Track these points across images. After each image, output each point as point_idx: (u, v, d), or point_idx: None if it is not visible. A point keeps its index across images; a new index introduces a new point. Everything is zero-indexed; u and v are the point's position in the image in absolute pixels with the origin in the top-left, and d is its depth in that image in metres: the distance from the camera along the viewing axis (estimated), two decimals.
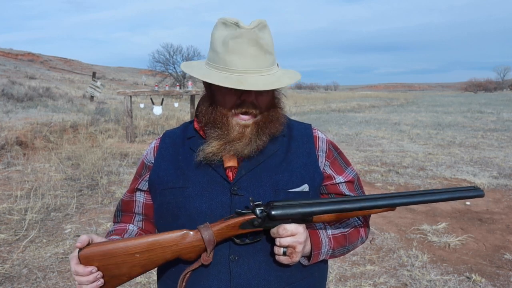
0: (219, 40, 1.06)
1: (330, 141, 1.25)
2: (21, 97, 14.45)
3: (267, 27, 1.09)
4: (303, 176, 1.12)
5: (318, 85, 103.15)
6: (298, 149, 1.17)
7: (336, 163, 1.21)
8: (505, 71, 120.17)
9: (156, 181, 1.16)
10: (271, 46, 1.08)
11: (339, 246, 1.13)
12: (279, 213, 1.00)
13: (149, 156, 1.22)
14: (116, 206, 1.30)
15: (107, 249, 1.00)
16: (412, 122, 15.91)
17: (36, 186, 5.93)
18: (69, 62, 46.21)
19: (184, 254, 1.01)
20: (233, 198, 1.07)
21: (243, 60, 1.03)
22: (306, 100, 34.64)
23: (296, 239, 0.99)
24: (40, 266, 3.55)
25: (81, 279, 0.99)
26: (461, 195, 1.08)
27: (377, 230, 4.39)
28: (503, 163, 7.71)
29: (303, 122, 1.29)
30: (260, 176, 1.10)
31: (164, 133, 1.26)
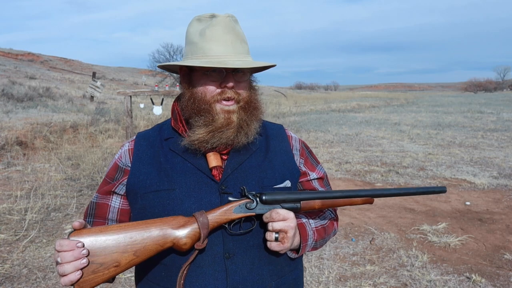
0: (196, 33, 1.10)
1: (301, 141, 1.31)
2: (21, 97, 14.45)
3: (239, 23, 1.14)
4: (284, 173, 1.17)
5: (318, 85, 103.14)
6: (276, 148, 1.21)
7: (308, 160, 1.28)
8: (505, 71, 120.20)
9: (137, 185, 1.12)
10: (244, 37, 1.13)
11: (320, 238, 1.20)
12: (271, 197, 1.06)
13: (124, 159, 1.18)
14: (86, 210, 1.22)
15: (99, 232, 0.95)
16: (412, 122, 15.91)
17: (36, 186, 5.93)
18: (69, 62, 46.22)
19: (178, 240, 0.99)
20: (222, 196, 1.08)
21: (221, 46, 1.06)
22: (306, 100, 34.64)
23: (287, 224, 1.04)
24: (40, 266, 3.55)
25: (64, 254, 0.90)
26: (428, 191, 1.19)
27: (377, 230, 4.39)
28: (503, 163, 7.71)
29: (274, 122, 1.33)
30: (246, 174, 1.12)
31: (137, 135, 1.23)
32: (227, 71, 1.07)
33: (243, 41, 1.11)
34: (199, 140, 1.08)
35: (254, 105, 1.13)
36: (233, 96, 1.09)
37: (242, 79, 1.11)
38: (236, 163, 1.12)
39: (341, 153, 9.07)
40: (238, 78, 1.10)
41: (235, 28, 1.09)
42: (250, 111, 1.12)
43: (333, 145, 10.24)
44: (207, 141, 1.07)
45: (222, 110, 1.08)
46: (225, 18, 1.09)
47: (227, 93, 1.08)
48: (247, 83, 1.13)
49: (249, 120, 1.11)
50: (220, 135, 1.07)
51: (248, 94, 1.13)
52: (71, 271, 0.90)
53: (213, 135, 1.07)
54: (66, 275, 0.90)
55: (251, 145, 1.15)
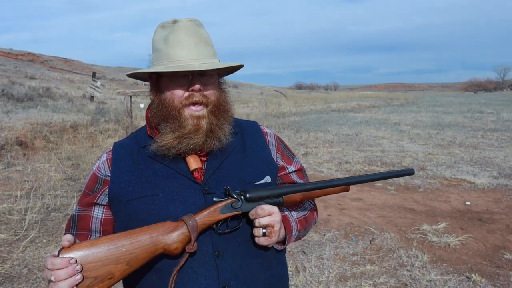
0: (160, 39, 1.11)
1: (276, 136, 1.33)
2: (21, 97, 14.45)
3: (203, 26, 1.15)
4: (264, 169, 1.20)
5: (318, 85, 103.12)
6: (253, 145, 1.23)
7: (285, 154, 1.31)
8: (505, 71, 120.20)
9: (119, 193, 1.12)
10: (209, 40, 1.14)
11: (303, 228, 1.24)
12: (255, 195, 1.08)
13: (104, 170, 1.18)
14: (68, 223, 1.21)
15: (90, 246, 0.95)
16: (412, 122, 15.91)
17: (36, 186, 5.93)
18: (69, 62, 46.20)
19: (169, 246, 1.00)
20: (206, 197, 1.10)
21: (185, 50, 1.07)
22: (306, 100, 34.63)
23: (273, 218, 1.06)
24: (40, 266, 3.55)
25: (58, 272, 0.89)
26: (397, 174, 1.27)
27: (377, 230, 4.39)
28: (503, 163, 7.71)
29: (248, 120, 1.35)
30: (227, 173, 1.15)
31: (114, 144, 1.24)
32: (193, 75, 1.08)
33: (207, 44, 1.12)
34: (166, 146, 1.08)
35: (223, 107, 1.14)
36: (201, 99, 1.09)
37: (209, 81, 1.11)
38: (217, 163, 1.14)
39: (341, 153, 9.07)
40: (204, 81, 1.10)
41: (198, 32, 1.10)
42: (220, 114, 1.12)
43: (333, 145, 10.24)
44: (174, 146, 1.08)
45: (191, 116, 1.09)
46: (186, 22, 1.10)
47: (194, 97, 1.08)
48: (214, 85, 1.14)
49: (219, 123, 1.11)
50: (187, 141, 1.07)
51: (216, 97, 1.13)
52: None
53: (181, 141, 1.07)
54: None
55: (229, 144, 1.16)
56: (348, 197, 5.64)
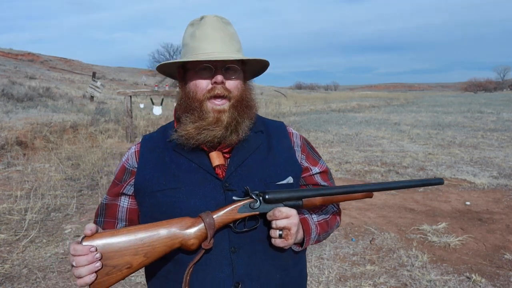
0: (188, 35, 1.15)
1: (302, 137, 1.32)
2: (21, 97, 14.44)
3: (231, 24, 1.18)
4: (287, 169, 1.19)
5: (318, 85, 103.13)
6: (278, 145, 1.23)
7: (310, 156, 1.30)
8: (505, 71, 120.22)
9: (144, 184, 1.16)
10: (236, 37, 1.16)
11: (323, 231, 1.23)
12: (274, 196, 1.08)
13: (131, 161, 1.22)
14: (97, 211, 1.27)
15: (111, 235, 1.00)
16: (412, 122, 15.91)
17: (36, 186, 5.93)
18: (69, 62, 46.20)
19: (186, 241, 1.03)
20: (226, 194, 1.11)
21: (210, 43, 1.10)
22: (306, 100, 34.64)
23: (290, 221, 1.06)
24: (40, 266, 3.55)
25: (79, 258, 0.96)
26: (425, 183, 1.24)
27: (377, 230, 4.39)
28: (503, 163, 7.71)
29: (275, 120, 1.36)
30: (249, 171, 1.15)
31: (143, 137, 1.28)
32: (216, 67, 1.09)
33: (232, 39, 1.14)
34: (185, 136, 1.11)
35: (246, 103, 1.15)
36: (223, 93, 1.10)
37: (232, 76, 1.13)
38: (239, 160, 1.15)
39: (341, 153, 9.07)
40: (228, 75, 1.12)
41: (223, 27, 1.13)
42: (242, 109, 1.13)
43: (333, 145, 10.23)
44: (193, 137, 1.10)
45: (212, 110, 1.10)
46: (212, 17, 1.13)
47: (216, 89, 1.10)
48: (238, 80, 1.15)
49: (240, 118, 1.12)
50: (206, 132, 1.09)
51: (240, 92, 1.14)
52: (86, 274, 0.96)
53: (200, 132, 1.09)
54: (82, 277, 0.96)
55: (253, 142, 1.18)
56: None
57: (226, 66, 1.10)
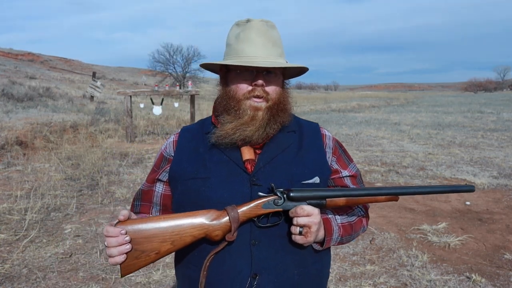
0: (233, 36, 1.20)
1: (335, 139, 1.35)
2: (21, 97, 14.44)
3: (276, 28, 1.22)
4: (314, 170, 1.22)
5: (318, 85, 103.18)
6: (309, 145, 1.26)
7: (341, 159, 1.32)
8: (505, 71, 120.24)
9: (178, 172, 1.23)
10: (278, 41, 1.21)
11: (347, 234, 1.24)
12: (297, 194, 1.12)
13: (169, 150, 1.29)
14: (135, 196, 1.35)
15: (141, 222, 1.07)
16: (412, 122, 15.91)
17: (36, 186, 5.93)
18: (69, 62, 46.18)
19: (211, 232, 1.09)
20: (253, 188, 1.15)
21: (253, 47, 1.15)
22: (306, 100, 34.64)
23: (311, 219, 1.09)
24: (40, 266, 3.55)
25: (110, 239, 1.04)
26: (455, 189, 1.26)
27: (377, 230, 4.39)
28: (503, 163, 7.71)
29: (310, 121, 1.39)
30: (277, 168, 1.19)
31: (182, 128, 1.35)
32: (258, 71, 1.15)
33: (275, 44, 1.18)
34: (223, 136, 1.16)
35: (282, 106, 1.19)
36: (262, 94, 1.15)
37: (272, 79, 1.17)
38: (269, 157, 1.19)
39: None
40: (268, 78, 1.16)
41: (267, 32, 1.17)
42: (277, 112, 1.18)
43: None
44: (230, 136, 1.15)
45: (250, 106, 1.15)
46: (258, 22, 1.17)
47: (256, 91, 1.15)
48: (277, 84, 1.19)
49: (273, 120, 1.17)
50: (240, 132, 1.14)
51: (277, 95, 1.19)
52: (116, 254, 1.04)
53: (235, 131, 1.14)
54: (113, 257, 1.04)
55: (285, 140, 1.23)
56: None
57: (267, 70, 1.15)
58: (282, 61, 1.18)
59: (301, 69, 1.24)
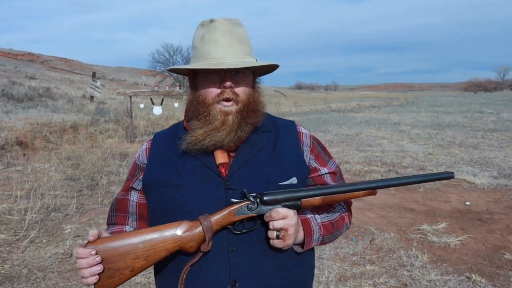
0: (197, 37, 1.16)
1: (313, 137, 1.32)
2: (21, 97, 14.44)
3: (242, 25, 1.18)
4: (291, 170, 1.19)
5: (318, 85, 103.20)
6: (285, 145, 1.23)
7: (320, 156, 1.29)
8: (505, 71, 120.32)
9: (151, 180, 1.20)
10: (246, 39, 1.17)
11: (328, 233, 1.21)
12: (271, 198, 1.09)
13: (142, 158, 1.27)
14: (111, 206, 1.32)
15: (112, 240, 1.05)
16: (412, 122, 15.91)
17: (36, 186, 5.93)
18: (69, 62, 46.18)
19: (185, 244, 1.06)
20: (227, 192, 1.12)
21: (219, 48, 1.11)
22: (306, 100, 34.64)
23: (287, 222, 1.06)
24: (40, 266, 3.55)
25: (80, 261, 1.02)
26: (434, 178, 1.20)
27: (377, 230, 4.39)
28: (503, 163, 7.71)
29: (286, 119, 1.34)
30: (252, 170, 1.16)
31: (155, 134, 1.31)
32: (225, 72, 1.11)
33: (242, 42, 1.14)
34: (193, 142, 1.13)
35: (253, 107, 1.16)
36: (231, 96, 1.12)
37: (241, 80, 1.14)
38: (243, 160, 1.16)
39: (341, 153, 9.07)
40: (237, 79, 1.13)
41: (233, 31, 1.13)
42: (247, 114, 1.14)
43: (333, 145, 10.24)
44: (200, 142, 1.12)
45: (220, 111, 1.12)
46: (222, 21, 1.13)
47: (225, 94, 1.12)
48: (247, 84, 1.16)
49: (244, 123, 1.13)
50: (210, 138, 1.11)
51: (247, 95, 1.15)
52: (88, 276, 1.02)
53: (206, 137, 1.12)
54: (85, 278, 1.03)
55: (259, 141, 1.20)
56: None
57: (235, 70, 1.12)
58: (251, 60, 1.15)
59: (272, 66, 1.21)
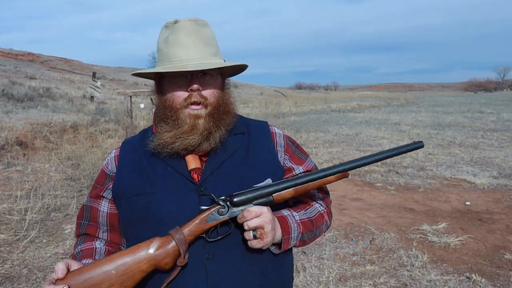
0: (162, 40, 1.12)
1: (287, 136, 1.29)
2: (21, 97, 14.44)
3: (208, 25, 1.14)
4: (266, 172, 1.15)
5: (318, 85, 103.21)
6: (258, 146, 1.19)
7: (295, 155, 1.25)
8: (505, 71, 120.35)
9: (120, 189, 1.16)
10: (212, 40, 1.13)
11: (307, 230, 1.17)
12: (241, 198, 1.05)
13: (111, 166, 1.22)
14: (79, 213, 1.26)
15: (83, 272, 0.99)
16: (412, 122, 15.90)
17: (36, 186, 5.93)
18: (69, 62, 46.18)
19: (160, 261, 1.02)
20: (201, 198, 1.09)
21: (183, 50, 1.08)
22: (306, 100, 34.62)
23: (262, 219, 1.03)
24: (40, 266, 3.55)
25: None
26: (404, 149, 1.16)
27: (377, 230, 4.39)
28: (503, 163, 7.71)
29: (259, 120, 1.31)
30: (225, 174, 1.12)
31: (124, 141, 1.27)
32: (192, 75, 1.08)
33: (208, 43, 1.11)
34: (161, 144, 1.10)
35: (223, 109, 1.12)
36: (199, 100, 1.09)
37: (209, 82, 1.11)
38: (216, 164, 1.13)
39: (341, 153, 9.07)
40: (204, 81, 1.10)
41: (198, 32, 1.10)
42: (219, 116, 1.11)
43: (333, 145, 10.23)
44: (168, 145, 1.09)
45: (189, 115, 1.09)
46: (186, 22, 1.10)
47: (193, 97, 1.08)
48: (215, 86, 1.13)
49: (215, 126, 1.10)
50: (181, 141, 1.08)
51: (216, 98, 1.12)
52: None
53: (175, 140, 1.08)
54: None
55: (232, 144, 1.16)
56: (348, 197, 5.64)
57: (201, 72, 1.08)
58: (218, 61, 1.12)
59: (241, 66, 1.18)
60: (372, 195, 5.76)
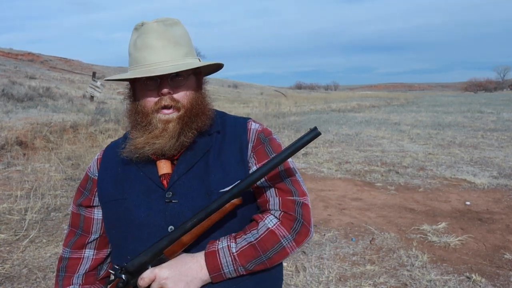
0: (131, 43, 1.09)
1: (261, 130, 1.17)
2: (21, 97, 14.44)
3: (178, 24, 1.10)
4: (237, 173, 1.08)
5: (318, 85, 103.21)
6: (231, 146, 1.13)
7: (261, 151, 1.13)
8: (505, 71, 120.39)
9: (101, 195, 1.15)
10: (183, 39, 1.09)
11: (252, 258, 1.02)
12: (132, 267, 1.00)
13: (93, 169, 1.21)
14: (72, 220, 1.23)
15: None
16: (412, 122, 15.90)
17: (36, 186, 5.92)
18: (69, 62, 46.17)
19: None
20: (168, 205, 1.06)
21: (152, 54, 1.04)
22: (306, 100, 34.62)
23: (158, 281, 0.98)
24: (40, 266, 3.55)
25: None
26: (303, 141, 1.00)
27: (377, 230, 4.39)
28: (503, 163, 7.71)
29: (241, 116, 1.24)
30: (193, 179, 1.08)
31: (108, 144, 1.25)
32: (161, 78, 1.04)
33: (178, 44, 1.06)
34: (132, 150, 1.07)
35: (196, 110, 1.08)
36: (170, 103, 1.05)
37: (180, 84, 1.07)
38: (185, 168, 1.09)
39: (341, 153, 9.06)
40: (176, 84, 1.06)
41: (166, 32, 1.05)
42: (190, 118, 1.07)
43: (333, 145, 10.23)
44: (138, 150, 1.06)
45: (160, 120, 1.05)
46: (153, 24, 1.06)
47: (163, 101, 1.05)
48: (188, 87, 1.09)
49: (187, 128, 1.06)
50: (149, 145, 1.05)
51: (189, 100, 1.08)
52: None
53: (144, 146, 1.05)
54: None
55: (203, 145, 1.12)
56: (348, 197, 5.63)
57: (172, 74, 1.04)
58: (190, 61, 1.07)
59: (215, 65, 1.15)
60: (372, 195, 5.76)
